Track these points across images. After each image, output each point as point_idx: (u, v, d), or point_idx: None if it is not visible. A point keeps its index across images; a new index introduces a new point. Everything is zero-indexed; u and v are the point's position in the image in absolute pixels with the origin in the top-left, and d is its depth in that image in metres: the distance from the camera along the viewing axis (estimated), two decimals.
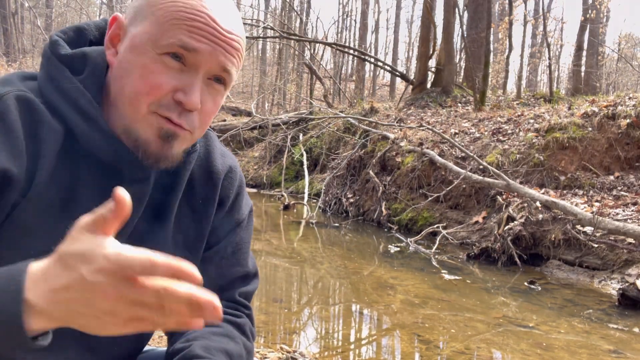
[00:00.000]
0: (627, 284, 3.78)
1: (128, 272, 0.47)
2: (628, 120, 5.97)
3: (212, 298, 0.49)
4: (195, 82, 0.74)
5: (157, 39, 0.73)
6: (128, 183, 0.79)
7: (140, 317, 0.49)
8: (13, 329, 0.50)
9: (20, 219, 0.71)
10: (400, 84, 21.47)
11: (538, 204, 5.05)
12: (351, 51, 15.50)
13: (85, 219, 0.51)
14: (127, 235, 0.80)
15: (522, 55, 12.43)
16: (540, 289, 4.20)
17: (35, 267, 0.52)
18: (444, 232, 5.81)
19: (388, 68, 15.30)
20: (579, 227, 4.72)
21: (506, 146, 6.57)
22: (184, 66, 0.73)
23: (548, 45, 12.26)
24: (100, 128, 0.75)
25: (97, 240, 0.49)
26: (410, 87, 11.73)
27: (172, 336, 0.90)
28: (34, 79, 0.79)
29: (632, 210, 4.86)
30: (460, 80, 12.73)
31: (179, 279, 0.48)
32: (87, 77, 0.78)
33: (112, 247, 0.49)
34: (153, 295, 0.47)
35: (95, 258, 0.48)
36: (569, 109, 6.96)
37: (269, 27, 11.96)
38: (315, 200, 8.89)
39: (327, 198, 8.46)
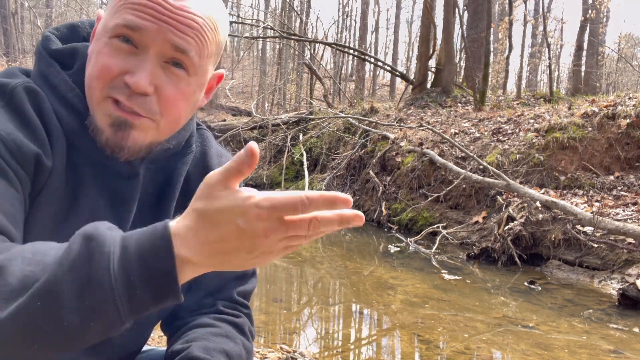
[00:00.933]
0: (627, 284, 3.78)
1: (282, 214, 0.51)
2: (628, 120, 5.97)
3: (355, 212, 0.55)
4: (143, 63, 0.71)
5: (108, 25, 0.72)
6: (116, 178, 0.79)
7: (293, 246, 0.54)
8: (167, 283, 0.53)
9: (44, 204, 0.72)
10: (400, 84, 21.47)
11: (538, 204, 5.05)
12: (351, 51, 15.49)
13: (214, 175, 0.54)
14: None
15: (522, 55, 12.44)
16: (540, 289, 4.19)
17: (177, 225, 0.54)
18: (444, 232, 5.80)
19: (388, 68, 15.30)
20: (579, 227, 4.71)
21: (506, 146, 6.57)
22: (135, 49, 0.72)
23: (548, 45, 12.25)
24: (86, 123, 0.75)
25: (239, 194, 0.52)
26: (410, 87, 11.73)
27: (171, 337, 0.89)
28: (29, 75, 0.79)
29: (632, 210, 4.86)
30: (460, 80, 12.72)
31: (332, 207, 0.53)
32: (76, 71, 0.78)
33: (259, 195, 0.52)
34: (305, 227, 0.52)
35: (247, 209, 0.51)
36: (569, 109, 6.96)
37: (269, 27, 11.96)
38: None
39: None
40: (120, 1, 0.72)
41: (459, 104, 9.97)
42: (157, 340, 2.52)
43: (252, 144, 0.54)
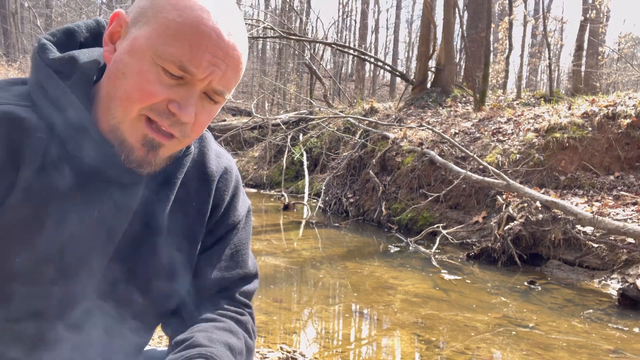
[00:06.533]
0: (627, 284, 3.78)
1: None
2: (628, 120, 5.97)
3: None
4: (191, 96, 0.73)
5: (157, 49, 0.71)
6: (117, 188, 0.79)
7: None
8: None
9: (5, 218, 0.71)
10: (400, 83, 21.48)
11: (538, 203, 5.05)
12: (351, 51, 15.49)
13: None
14: (116, 240, 0.80)
15: (522, 55, 12.39)
16: (540, 288, 4.19)
17: None
18: (444, 232, 5.80)
19: (388, 68, 15.30)
20: (579, 227, 4.71)
21: (506, 146, 6.57)
22: (181, 80, 0.73)
23: (548, 45, 12.24)
24: (90, 135, 0.75)
25: None
26: (410, 87, 11.72)
27: (174, 333, 0.89)
28: (24, 83, 0.78)
29: (632, 210, 4.86)
30: (460, 80, 12.72)
31: None
32: (75, 82, 0.77)
33: None
34: None
35: None
36: (569, 109, 6.96)
37: (269, 27, 11.94)
38: (315, 200, 8.88)
39: (327, 198, 8.46)
40: (174, 28, 0.70)
41: (459, 104, 9.96)
42: (157, 341, 2.52)
43: None
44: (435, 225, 6.12)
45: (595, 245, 4.54)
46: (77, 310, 0.79)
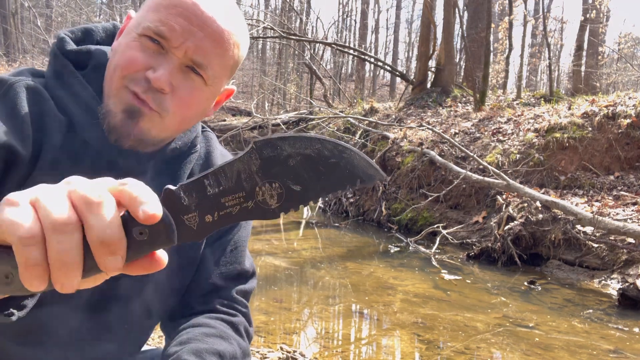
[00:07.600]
0: (627, 284, 3.78)
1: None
2: (628, 120, 5.97)
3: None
4: (166, 63, 0.74)
5: (140, 22, 0.75)
6: (124, 175, 0.80)
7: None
8: None
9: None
10: (400, 83, 21.49)
11: (538, 203, 5.05)
12: (351, 51, 15.49)
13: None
14: None
15: (522, 55, 12.40)
16: (540, 288, 4.19)
17: None
18: (444, 232, 5.80)
19: (388, 68, 15.30)
20: (579, 227, 4.71)
21: (506, 146, 6.57)
22: (161, 49, 0.75)
23: (548, 45, 12.25)
24: (98, 120, 0.77)
25: None
26: (410, 87, 11.72)
27: (169, 336, 0.90)
28: (42, 76, 0.82)
29: (632, 210, 4.86)
30: (460, 80, 12.71)
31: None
32: (90, 71, 0.80)
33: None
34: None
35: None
36: (569, 109, 6.95)
37: (269, 27, 11.93)
38: None
39: (327, 198, 8.46)
40: (158, 2, 0.75)
41: (459, 104, 9.96)
42: (157, 341, 2.52)
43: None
44: (435, 225, 6.12)
45: (595, 245, 4.54)
46: (82, 299, 0.80)
